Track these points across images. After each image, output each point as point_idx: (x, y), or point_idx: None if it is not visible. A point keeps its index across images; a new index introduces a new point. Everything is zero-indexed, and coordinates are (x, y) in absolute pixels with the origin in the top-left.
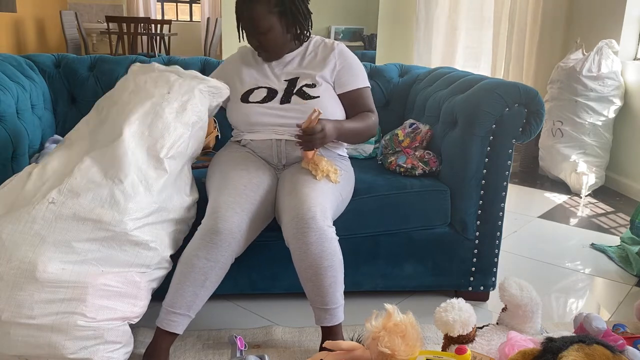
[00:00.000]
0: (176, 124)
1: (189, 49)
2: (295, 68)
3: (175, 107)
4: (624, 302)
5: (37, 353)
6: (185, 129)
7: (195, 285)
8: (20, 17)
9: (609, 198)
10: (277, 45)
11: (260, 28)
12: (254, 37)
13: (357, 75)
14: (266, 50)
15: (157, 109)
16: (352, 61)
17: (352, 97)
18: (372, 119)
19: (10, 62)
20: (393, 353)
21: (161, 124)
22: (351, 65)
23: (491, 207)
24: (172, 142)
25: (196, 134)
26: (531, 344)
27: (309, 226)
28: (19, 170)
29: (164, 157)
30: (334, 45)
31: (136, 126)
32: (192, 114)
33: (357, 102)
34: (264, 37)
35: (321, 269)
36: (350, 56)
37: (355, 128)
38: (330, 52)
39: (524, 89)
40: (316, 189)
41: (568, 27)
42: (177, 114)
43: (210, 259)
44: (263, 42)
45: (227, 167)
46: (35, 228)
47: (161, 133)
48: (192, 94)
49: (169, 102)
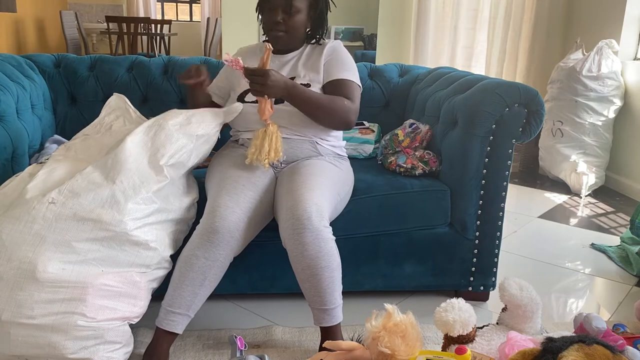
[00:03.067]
0: (179, 135)
1: (189, 49)
2: (292, 68)
3: (180, 120)
4: (624, 302)
5: (37, 353)
6: (189, 140)
7: (194, 284)
8: (20, 17)
9: (609, 198)
10: (295, 31)
11: (293, 7)
12: (280, 13)
13: (343, 68)
14: (285, 31)
15: (161, 121)
16: (342, 55)
17: (332, 86)
18: (345, 102)
19: (10, 62)
20: (393, 353)
21: (164, 135)
22: (340, 58)
23: (491, 207)
24: (173, 151)
25: (200, 146)
26: (531, 344)
27: (305, 227)
28: (19, 170)
29: (164, 165)
30: (329, 42)
31: (139, 137)
32: (197, 126)
33: (335, 90)
34: (290, 18)
35: (318, 269)
36: (341, 51)
37: (317, 99)
38: (324, 48)
39: (524, 89)
40: (313, 189)
41: (568, 27)
42: (181, 126)
43: (209, 258)
44: (287, 21)
45: (226, 166)
46: (35, 228)
47: (163, 143)
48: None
49: (172, 117)
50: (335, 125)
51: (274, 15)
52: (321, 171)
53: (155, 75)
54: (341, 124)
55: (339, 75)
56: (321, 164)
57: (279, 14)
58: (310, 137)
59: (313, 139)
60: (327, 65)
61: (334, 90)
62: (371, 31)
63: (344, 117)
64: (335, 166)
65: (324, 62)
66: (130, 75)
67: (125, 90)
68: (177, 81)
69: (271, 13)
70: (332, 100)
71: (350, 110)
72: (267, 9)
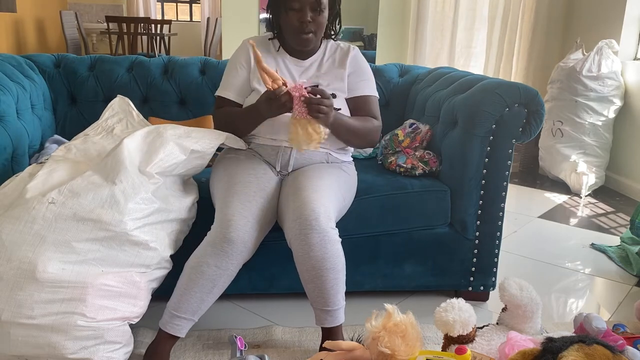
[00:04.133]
0: (174, 145)
1: (189, 49)
2: (315, 74)
3: (179, 132)
4: (624, 302)
5: (37, 353)
6: (182, 153)
7: (203, 291)
8: (20, 17)
9: (609, 198)
10: (322, 29)
11: (322, 4)
12: (309, 12)
13: (367, 82)
14: (314, 31)
15: (161, 129)
16: (364, 67)
17: (358, 103)
18: (374, 123)
19: (10, 62)
20: (393, 353)
21: (159, 142)
22: (363, 71)
23: (491, 207)
24: (161, 161)
25: (193, 161)
26: (531, 344)
27: (312, 227)
28: (19, 170)
29: (151, 171)
30: (350, 49)
31: (137, 141)
32: (195, 141)
33: (362, 107)
34: (318, 16)
35: (323, 270)
36: (363, 62)
37: (353, 125)
38: (345, 57)
39: (524, 89)
40: (320, 191)
41: (568, 27)
42: (179, 137)
43: (221, 267)
44: (315, 19)
45: (234, 170)
46: (35, 228)
47: (156, 149)
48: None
49: (173, 128)
50: (364, 145)
51: (303, 15)
52: (328, 174)
53: (155, 75)
54: (369, 145)
55: (365, 91)
56: (328, 168)
57: (307, 14)
58: (326, 150)
59: (328, 151)
60: (351, 77)
61: (360, 106)
62: (371, 31)
63: (373, 137)
64: (342, 170)
65: (347, 74)
66: (130, 75)
67: (125, 90)
68: (177, 81)
69: (299, 13)
70: (364, 123)
71: (379, 130)
72: (293, 10)
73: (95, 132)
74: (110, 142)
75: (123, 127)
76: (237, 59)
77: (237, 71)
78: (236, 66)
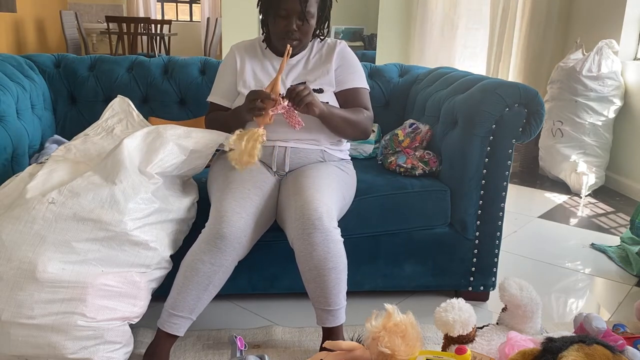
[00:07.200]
0: (173, 145)
1: (189, 49)
2: (302, 72)
3: (179, 132)
4: (624, 302)
5: (37, 353)
6: (182, 153)
7: (199, 289)
8: (20, 17)
9: (609, 198)
10: (308, 36)
11: (308, 13)
12: (297, 20)
13: (355, 74)
14: (300, 38)
15: (161, 130)
16: (351, 60)
17: (347, 95)
18: (365, 113)
19: (10, 62)
20: (393, 353)
21: (159, 143)
22: (350, 64)
23: (491, 207)
24: (161, 160)
25: (193, 161)
26: (531, 344)
27: (315, 227)
28: (19, 170)
29: (151, 171)
30: (336, 44)
31: (137, 141)
32: (195, 142)
33: (352, 99)
34: (306, 23)
35: (325, 270)
36: (350, 55)
37: (343, 114)
38: (332, 52)
39: (524, 89)
40: (321, 191)
41: (568, 27)
42: (179, 137)
43: (215, 264)
44: (301, 28)
45: (230, 170)
46: (35, 228)
47: (156, 149)
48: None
49: (173, 128)
50: (357, 137)
51: (288, 24)
52: (328, 174)
53: (155, 75)
54: (363, 135)
55: (353, 83)
56: (327, 168)
57: (293, 23)
58: (320, 147)
59: (322, 148)
60: (339, 71)
61: (350, 99)
62: (371, 31)
63: (367, 128)
64: (341, 170)
65: (335, 68)
66: (130, 75)
67: (125, 90)
68: (177, 81)
69: (285, 21)
70: (355, 114)
71: (370, 120)
72: (280, 17)
73: (95, 132)
74: (110, 142)
75: (123, 127)
76: (225, 65)
77: (225, 77)
78: (224, 72)
